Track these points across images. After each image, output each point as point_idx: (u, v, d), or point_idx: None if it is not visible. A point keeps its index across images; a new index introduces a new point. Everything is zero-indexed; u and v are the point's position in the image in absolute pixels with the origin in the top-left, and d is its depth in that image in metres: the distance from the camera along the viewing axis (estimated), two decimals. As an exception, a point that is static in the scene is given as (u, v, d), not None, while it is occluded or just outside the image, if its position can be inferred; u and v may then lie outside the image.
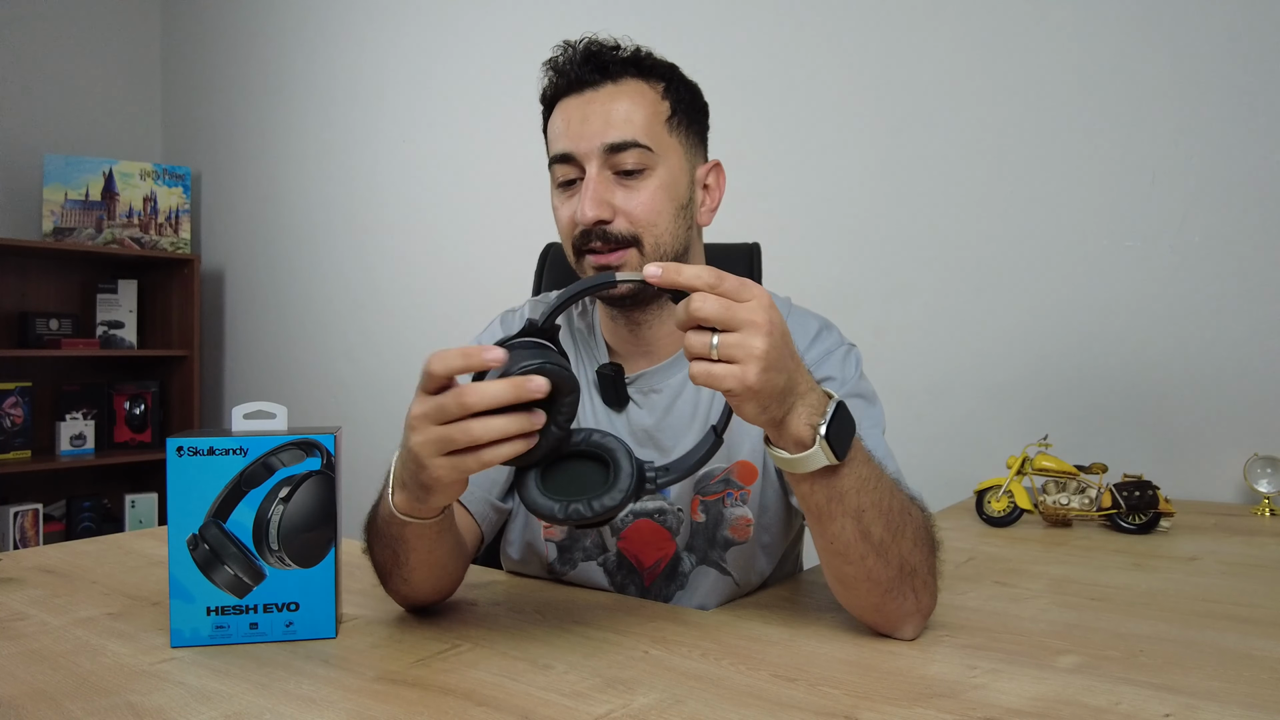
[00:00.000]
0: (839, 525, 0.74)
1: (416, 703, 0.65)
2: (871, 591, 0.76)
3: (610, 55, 0.94)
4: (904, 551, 0.75)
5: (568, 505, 0.68)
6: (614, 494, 0.69)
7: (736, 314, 0.65)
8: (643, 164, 0.91)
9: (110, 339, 3.20)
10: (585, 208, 0.90)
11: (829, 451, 0.70)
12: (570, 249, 0.95)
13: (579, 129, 0.91)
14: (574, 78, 0.93)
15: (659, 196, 0.92)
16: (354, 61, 2.91)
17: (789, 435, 0.70)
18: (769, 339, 0.66)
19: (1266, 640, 0.79)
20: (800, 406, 0.70)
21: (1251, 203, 1.57)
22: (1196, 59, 1.61)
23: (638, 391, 0.98)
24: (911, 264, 1.89)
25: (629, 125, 0.91)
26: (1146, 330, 1.65)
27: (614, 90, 0.92)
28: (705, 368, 0.66)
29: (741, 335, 0.65)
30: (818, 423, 0.70)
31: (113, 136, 3.37)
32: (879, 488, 0.74)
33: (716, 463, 0.97)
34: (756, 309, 0.66)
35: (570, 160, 0.92)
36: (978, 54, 1.82)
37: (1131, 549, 1.18)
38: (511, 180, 2.53)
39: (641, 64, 0.95)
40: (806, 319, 1.01)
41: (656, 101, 0.94)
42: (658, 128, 0.93)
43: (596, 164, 0.91)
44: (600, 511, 0.68)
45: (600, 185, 0.90)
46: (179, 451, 0.76)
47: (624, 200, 0.91)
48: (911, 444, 1.77)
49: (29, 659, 0.74)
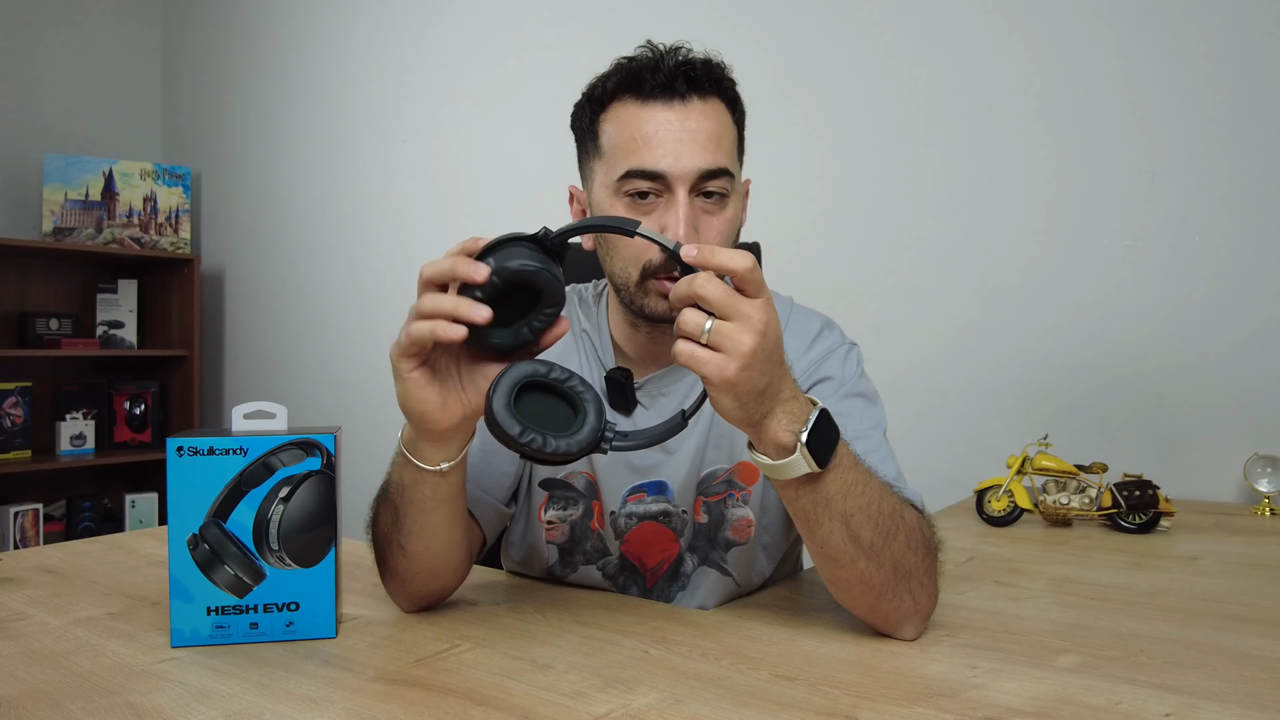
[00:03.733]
0: (826, 530, 0.74)
1: (416, 703, 0.65)
2: (866, 594, 0.76)
3: (704, 69, 0.89)
4: (896, 554, 0.75)
5: (525, 431, 0.68)
6: (570, 442, 0.69)
7: (737, 305, 0.66)
8: (725, 190, 0.89)
9: (110, 339, 3.20)
10: (684, 237, 0.84)
11: (809, 459, 0.70)
12: (638, 271, 0.89)
13: (674, 147, 0.86)
14: (661, 83, 0.87)
15: (733, 225, 0.91)
16: (354, 61, 2.91)
17: (769, 439, 0.71)
18: (760, 338, 0.66)
19: (1266, 640, 0.79)
20: (780, 412, 0.70)
21: (1251, 203, 1.56)
22: (1197, 59, 1.61)
23: (646, 395, 0.98)
24: (911, 264, 1.89)
25: (719, 151, 0.87)
26: (1147, 330, 1.65)
27: (701, 108, 0.88)
28: (690, 349, 0.67)
29: (735, 326, 0.66)
30: (799, 429, 0.70)
31: (113, 136, 3.37)
32: (866, 492, 0.74)
33: (719, 464, 0.97)
34: (758, 307, 0.66)
35: (657, 179, 0.86)
36: (978, 54, 1.82)
37: (1132, 548, 1.18)
38: (512, 180, 2.52)
39: (722, 84, 0.91)
40: (809, 318, 1.01)
41: (732, 125, 0.91)
42: (734, 153, 0.91)
43: (687, 188, 0.86)
44: (551, 452, 0.68)
45: (692, 212, 0.86)
46: (179, 451, 0.76)
47: (707, 228, 0.88)
48: (911, 444, 1.77)
49: (29, 659, 0.74)
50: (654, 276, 0.89)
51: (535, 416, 0.70)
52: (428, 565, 0.83)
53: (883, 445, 0.90)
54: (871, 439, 0.89)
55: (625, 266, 0.90)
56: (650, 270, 0.89)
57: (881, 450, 0.89)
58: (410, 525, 0.80)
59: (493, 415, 0.68)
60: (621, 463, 0.97)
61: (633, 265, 0.90)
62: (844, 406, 0.91)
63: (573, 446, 0.69)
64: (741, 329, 0.66)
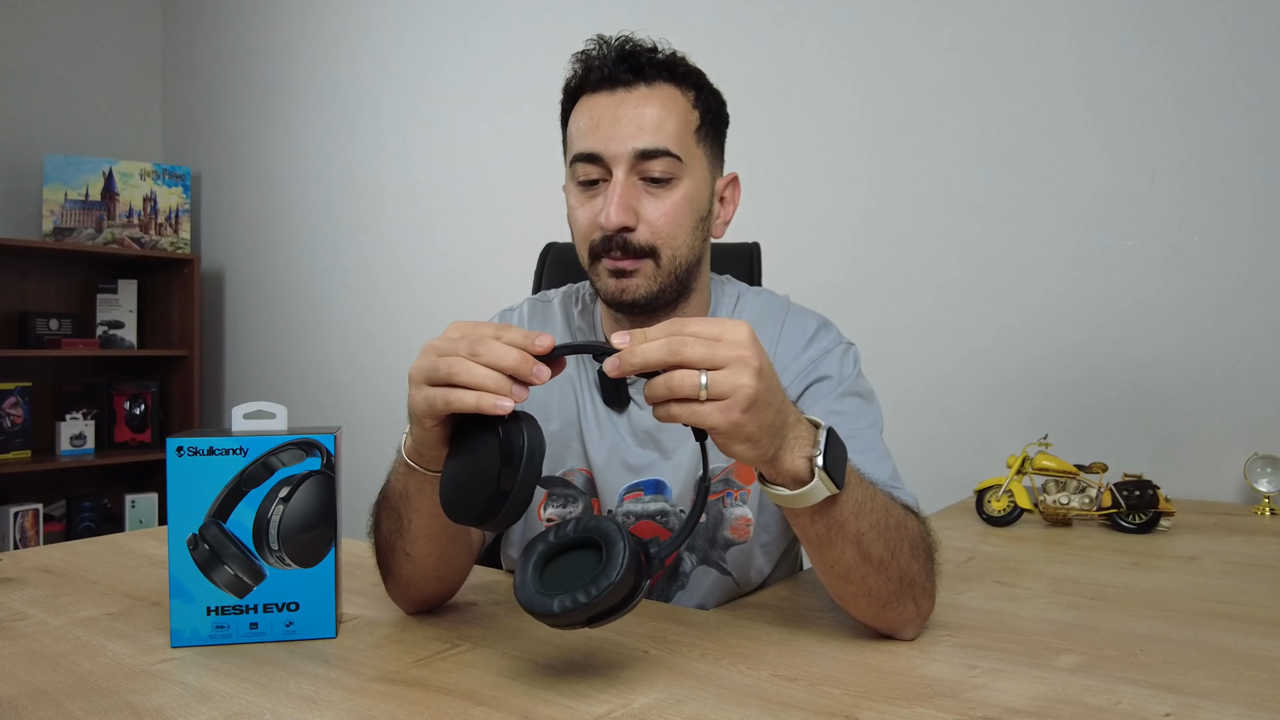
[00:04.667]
0: (839, 551, 0.73)
1: (416, 703, 0.65)
2: (872, 604, 0.76)
3: (647, 56, 0.91)
4: (902, 565, 0.75)
5: (557, 598, 0.63)
6: (609, 573, 0.63)
7: (719, 352, 0.62)
8: (671, 173, 0.89)
9: (110, 339, 3.20)
10: (611, 213, 0.87)
11: (829, 482, 0.68)
12: (586, 251, 0.92)
13: (610, 130, 0.88)
14: (606, 74, 0.90)
15: (683, 208, 0.90)
16: (354, 61, 2.91)
17: (785, 471, 0.68)
18: (758, 375, 0.62)
19: (1266, 640, 0.79)
20: (792, 440, 0.68)
21: (1251, 203, 1.56)
22: (1196, 59, 1.61)
23: (639, 392, 0.98)
24: (911, 264, 1.89)
25: (661, 132, 0.88)
26: (1146, 330, 1.65)
27: (647, 93, 0.90)
28: (690, 408, 0.62)
29: (730, 372, 0.62)
30: (813, 454, 0.68)
31: (113, 136, 3.37)
32: (875, 507, 0.74)
33: (716, 462, 0.97)
34: (742, 344, 0.63)
35: (596, 161, 0.89)
36: (978, 54, 1.82)
37: (1132, 548, 1.18)
38: (511, 180, 2.53)
39: (676, 69, 0.92)
40: (805, 317, 1.01)
41: (688, 110, 0.92)
42: (687, 137, 0.91)
43: (625, 168, 0.88)
44: (596, 597, 0.62)
45: (627, 192, 0.88)
46: (179, 451, 0.76)
47: (649, 209, 0.89)
48: (911, 444, 1.77)
49: (29, 659, 0.74)
50: (599, 256, 0.91)
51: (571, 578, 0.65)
52: (433, 569, 0.82)
53: (879, 444, 0.90)
54: (867, 438, 0.89)
55: (581, 251, 0.94)
56: (595, 250, 0.91)
57: (878, 449, 0.89)
58: (416, 531, 0.79)
59: (529, 606, 0.64)
60: (618, 462, 0.97)
61: (584, 247, 0.93)
62: (840, 405, 0.91)
63: (612, 576, 0.63)
64: (738, 372, 0.62)
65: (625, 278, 0.90)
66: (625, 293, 0.90)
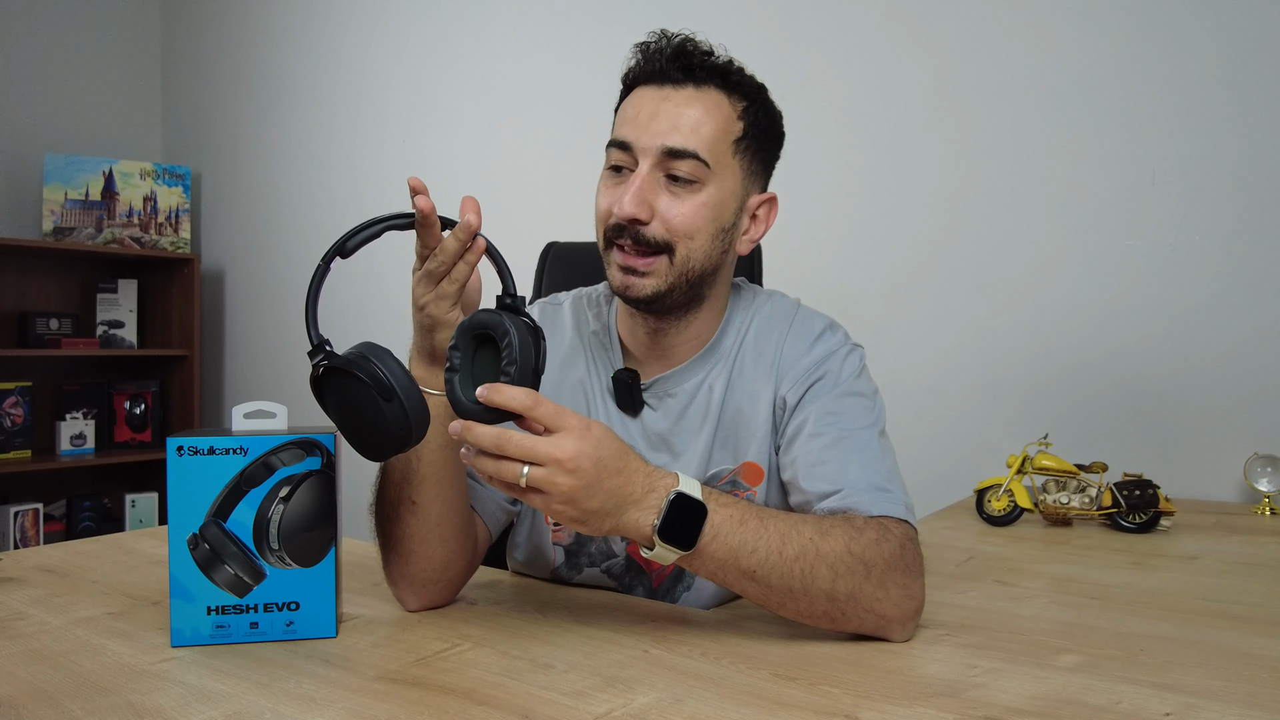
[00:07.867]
0: (738, 587, 0.77)
1: (416, 702, 0.65)
2: (818, 620, 0.78)
3: (700, 58, 0.91)
4: (823, 588, 0.76)
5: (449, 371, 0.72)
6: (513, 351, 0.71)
7: (538, 451, 0.68)
8: (695, 176, 0.89)
9: (110, 339, 3.20)
10: (626, 203, 0.88)
11: (668, 548, 0.73)
12: (601, 236, 0.93)
13: (646, 123, 0.89)
14: (658, 69, 0.91)
15: (702, 213, 0.90)
16: (354, 61, 2.91)
17: (634, 537, 0.74)
18: (572, 475, 0.69)
19: (1266, 639, 0.79)
20: (634, 511, 0.73)
21: (1251, 203, 1.56)
22: (1196, 60, 1.61)
23: (653, 396, 0.98)
24: (911, 264, 1.89)
25: (695, 135, 0.88)
26: (1147, 330, 1.65)
27: (693, 95, 0.90)
28: (519, 493, 0.70)
29: (547, 471, 0.69)
30: (654, 523, 0.72)
31: (113, 136, 3.37)
32: (761, 548, 0.75)
33: (724, 464, 0.97)
34: (558, 444, 0.69)
35: (627, 149, 0.90)
36: (977, 54, 1.82)
37: (1132, 548, 1.18)
38: (512, 180, 2.52)
39: (729, 76, 0.92)
40: (812, 320, 1.01)
41: (731, 119, 0.91)
42: (722, 145, 0.91)
43: (650, 163, 0.88)
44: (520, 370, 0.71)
45: (647, 185, 0.88)
46: (179, 451, 0.76)
47: (666, 206, 0.89)
48: (912, 443, 1.77)
49: (29, 659, 0.74)
50: (612, 245, 0.91)
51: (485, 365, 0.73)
52: (438, 521, 0.83)
53: (873, 445, 0.90)
54: (860, 438, 0.89)
55: (597, 234, 0.94)
56: (608, 236, 0.91)
57: (871, 449, 0.89)
58: (425, 472, 0.81)
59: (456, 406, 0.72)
60: None
61: (600, 231, 0.93)
62: (838, 405, 0.91)
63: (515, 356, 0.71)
64: (552, 472, 0.69)
65: (633, 275, 0.90)
66: (630, 289, 0.90)
